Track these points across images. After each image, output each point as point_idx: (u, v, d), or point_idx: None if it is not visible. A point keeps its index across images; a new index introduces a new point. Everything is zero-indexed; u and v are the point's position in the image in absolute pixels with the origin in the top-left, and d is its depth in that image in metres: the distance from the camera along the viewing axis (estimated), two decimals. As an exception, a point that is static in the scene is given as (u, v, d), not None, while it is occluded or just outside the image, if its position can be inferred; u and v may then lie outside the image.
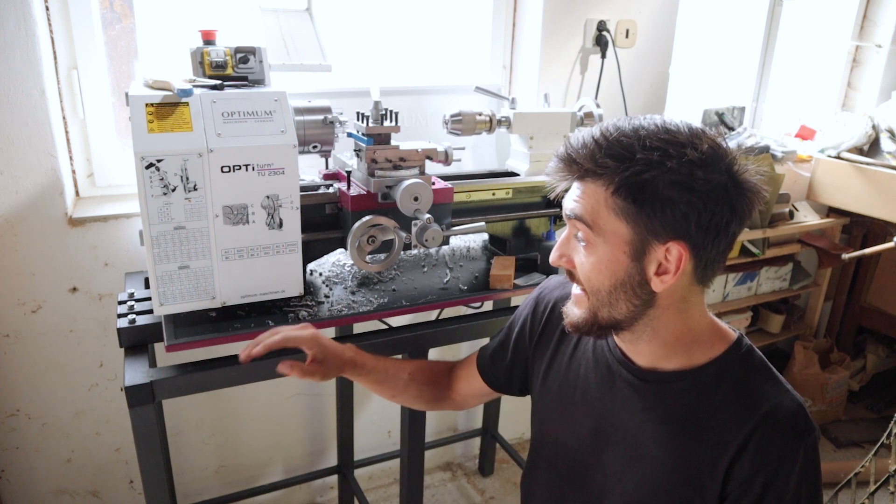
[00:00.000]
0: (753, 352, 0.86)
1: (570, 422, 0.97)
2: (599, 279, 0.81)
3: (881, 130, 2.52)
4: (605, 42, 1.95)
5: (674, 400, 0.85)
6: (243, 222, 1.12)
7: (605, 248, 0.79)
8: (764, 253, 2.47)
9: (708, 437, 0.81)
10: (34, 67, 1.39)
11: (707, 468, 0.81)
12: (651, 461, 0.86)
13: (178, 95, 1.06)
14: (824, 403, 2.67)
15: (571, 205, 0.82)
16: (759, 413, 0.79)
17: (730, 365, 0.84)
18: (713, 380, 0.83)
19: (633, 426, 0.88)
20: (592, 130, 0.80)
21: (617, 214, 0.77)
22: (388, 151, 1.27)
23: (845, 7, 2.80)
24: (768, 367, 0.84)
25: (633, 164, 0.75)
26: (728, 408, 0.81)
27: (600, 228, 0.79)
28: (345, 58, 1.80)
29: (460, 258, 1.55)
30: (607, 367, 0.93)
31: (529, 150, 1.53)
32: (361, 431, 2.10)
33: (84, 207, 1.56)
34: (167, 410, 1.69)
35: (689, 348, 0.85)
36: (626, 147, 0.76)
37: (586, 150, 0.78)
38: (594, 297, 0.83)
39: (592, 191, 0.79)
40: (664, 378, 0.86)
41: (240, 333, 1.16)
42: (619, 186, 0.76)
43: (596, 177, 0.78)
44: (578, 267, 0.83)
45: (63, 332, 1.60)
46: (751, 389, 0.82)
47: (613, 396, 0.91)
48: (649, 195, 0.75)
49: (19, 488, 1.70)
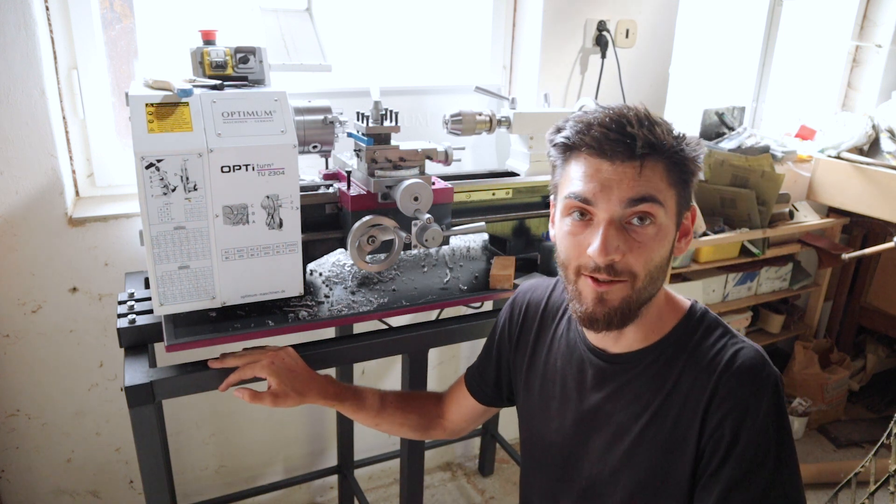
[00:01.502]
0: (707, 314, 0.90)
1: (554, 417, 0.98)
2: (660, 254, 0.83)
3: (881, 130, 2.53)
4: (605, 42, 1.95)
5: (643, 376, 0.88)
6: (243, 222, 1.12)
7: (665, 220, 0.82)
8: (764, 253, 2.47)
9: (678, 403, 0.85)
10: (34, 67, 1.39)
11: (681, 432, 0.84)
12: (632, 436, 0.88)
13: (178, 95, 1.06)
14: (824, 403, 2.67)
15: (637, 188, 0.79)
16: (720, 366, 0.83)
17: (687, 332, 0.88)
18: (674, 348, 0.87)
19: (610, 408, 0.91)
20: (622, 113, 0.81)
21: (670, 186, 0.82)
22: (388, 151, 1.27)
23: (845, 7, 2.80)
24: (723, 325, 0.89)
25: (681, 139, 0.83)
26: (691, 371, 0.85)
27: (663, 202, 0.81)
28: (345, 58, 1.80)
29: (460, 258, 1.55)
30: (580, 358, 0.95)
31: (529, 150, 1.53)
32: (361, 431, 2.10)
33: (84, 207, 1.56)
34: (167, 410, 1.69)
35: (656, 323, 0.89)
36: (668, 125, 0.83)
37: (648, 130, 0.80)
38: (649, 277, 0.83)
39: (652, 167, 0.80)
40: (630, 358, 0.90)
41: (240, 333, 1.16)
42: (679, 159, 0.82)
43: (657, 153, 0.80)
44: (636, 252, 0.81)
45: (63, 332, 1.60)
46: (709, 349, 0.86)
47: (587, 385, 0.94)
48: (689, 166, 0.83)
49: (19, 488, 1.70)
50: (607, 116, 0.81)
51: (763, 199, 2.34)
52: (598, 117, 0.81)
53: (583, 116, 0.83)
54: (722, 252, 2.41)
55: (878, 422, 2.71)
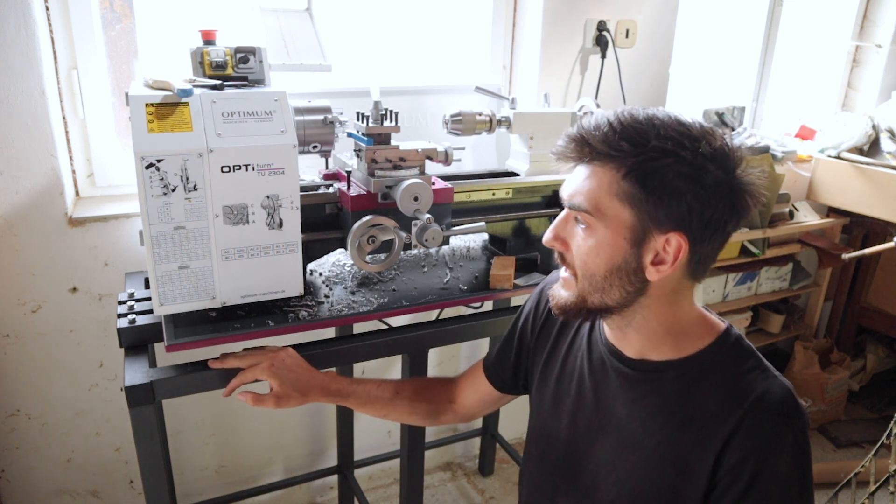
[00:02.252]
0: (742, 341, 0.87)
1: (566, 413, 0.98)
2: (596, 263, 0.82)
3: (881, 130, 2.52)
4: (605, 42, 1.95)
5: (664, 389, 0.86)
6: (243, 222, 1.12)
7: (605, 233, 0.80)
8: (764, 253, 2.47)
9: (698, 426, 0.82)
10: (34, 67, 1.39)
11: (696, 456, 0.82)
12: (642, 450, 0.86)
13: (178, 95, 1.06)
14: (824, 403, 2.67)
15: (574, 187, 0.82)
16: (749, 400, 0.80)
17: (719, 355, 0.85)
18: (702, 369, 0.85)
19: (625, 416, 0.89)
20: (607, 114, 0.80)
21: (622, 199, 0.78)
22: (388, 151, 1.27)
23: (845, 7, 2.80)
24: (756, 356, 0.85)
25: (648, 150, 0.76)
26: (717, 396, 0.82)
27: (602, 213, 0.79)
28: (345, 58, 1.80)
29: (460, 258, 1.55)
30: (600, 358, 0.94)
31: (529, 150, 1.53)
32: (361, 431, 2.10)
33: (84, 207, 1.56)
34: (167, 410, 1.69)
35: (677, 339, 0.86)
36: (641, 133, 0.77)
37: (600, 133, 0.78)
38: (586, 281, 0.83)
39: (600, 174, 0.79)
40: (653, 368, 0.87)
41: (240, 333, 1.16)
42: (631, 171, 0.77)
43: (607, 160, 0.78)
44: (574, 250, 0.84)
45: (63, 332, 1.60)
46: (740, 378, 0.83)
47: (606, 387, 0.92)
48: (658, 183, 0.76)
49: (19, 488, 1.70)
50: (587, 120, 0.82)
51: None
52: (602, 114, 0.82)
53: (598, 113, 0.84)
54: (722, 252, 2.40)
55: (878, 422, 2.71)
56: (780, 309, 2.76)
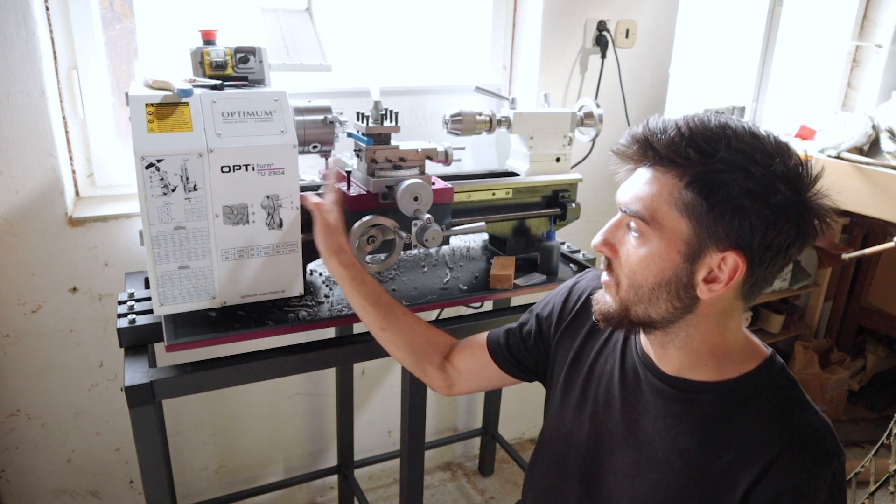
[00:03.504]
0: (785, 370, 0.84)
1: (589, 419, 0.95)
2: (644, 274, 0.78)
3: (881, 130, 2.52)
4: (605, 42, 1.95)
5: (701, 410, 0.82)
6: (243, 222, 1.12)
7: (658, 244, 0.76)
8: (764, 253, 2.47)
9: (732, 452, 0.79)
10: (34, 67, 1.39)
11: (727, 483, 0.78)
12: (667, 469, 0.83)
13: (178, 95, 1.06)
14: (824, 403, 2.67)
15: (632, 192, 0.78)
16: (790, 433, 0.77)
17: (762, 382, 0.82)
18: (743, 395, 0.81)
19: (653, 432, 0.86)
20: (676, 118, 0.76)
21: (680, 210, 0.74)
22: (388, 151, 1.27)
23: (845, 7, 2.80)
24: (798, 388, 0.82)
25: (715, 161, 0.71)
26: (757, 424, 0.79)
27: (658, 222, 0.75)
28: (345, 58, 1.80)
29: (460, 258, 1.55)
30: (634, 369, 0.91)
31: (529, 150, 1.53)
32: (361, 431, 2.10)
33: (84, 207, 1.56)
34: (167, 410, 1.69)
35: (720, 361, 0.83)
36: (711, 142, 0.72)
37: (666, 137, 0.74)
38: (631, 291, 0.80)
39: (661, 180, 0.75)
40: (692, 388, 0.83)
41: (240, 333, 1.16)
42: (694, 180, 0.72)
43: (670, 166, 0.74)
44: (623, 258, 0.80)
45: (63, 332, 1.60)
46: (782, 408, 0.79)
47: (637, 399, 0.89)
48: (722, 197, 0.71)
49: (19, 488, 1.70)
50: (650, 122, 0.78)
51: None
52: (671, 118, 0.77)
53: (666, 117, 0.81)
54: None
55: (878, 422, 2.71)
56: (780, 309, 2.76)
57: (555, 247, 1.46)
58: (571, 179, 1.54)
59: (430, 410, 2.14)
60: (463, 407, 2.33)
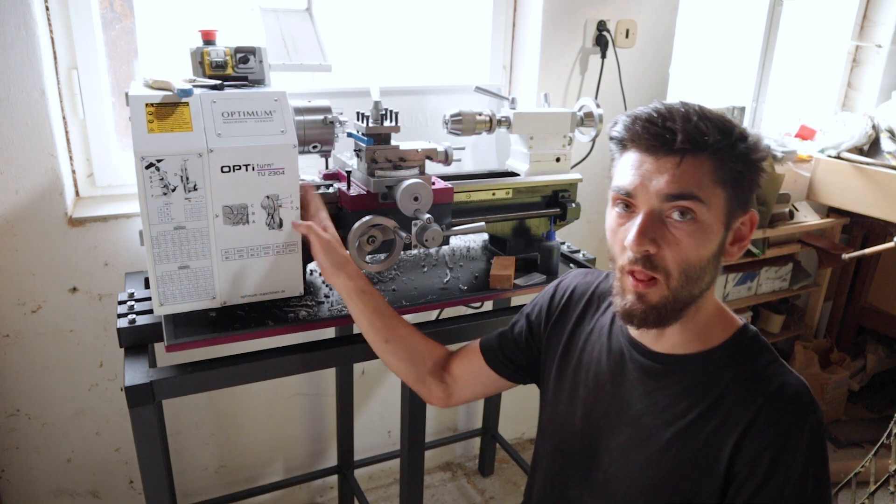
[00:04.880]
0: (759, 337, 0.88)
1: (582, 405, 0.97)
2: (700, 252, 0.81)
3: (881, 130, 2.52)
4: (605, 42, 1.95)
5: (683, 382, 0.86)
6: (243, 222, 1.12)
7: (709, 219, 0.80)
8: (764, 253, 2.47)
9: (716, 418, 0.82)
10: (34, 67, 1.39)
11: (714, 450, 0.82)
12: (658, 443, 0.86)
13: (178, 95, 1.06)
14: (824, 403, 2.67)
15: (670, 180, 0.79)
16: (767, 392, 0.81)
17: (738, 349, 0.86)
18: (722, 362, 0.85)
19: (642, 408, 0.89)
20: (670, 108, 0.81)
21: (716, 184, 0.80)
22: (388, 151, 1.27)
23: (845, 7, 2.80)
24: (773, 351, 0.86)
25: (733, 136, 0.80)
26: (736, 389, 0.83)
27: (707, 199, 0.79)
28: (345, 58, 1.80)
29: (460, 258, 1.55)
30: (619, 350, 0.94)
31: (529, 150, 1.53)
32: (361, 431, 2.10)
33: (84, 207, 1.56)
34: (167, 410, 1.69)
35: (703, 332, 0.87)
36: (721, 122, 0.80)
37: (691, 125, 0.79)
38: (684, 276, 0.81)
39: (696, 163, 0.79)
40: (674, 360, 0.88)
41: (240, 333, 1.16)
42: (727, 156, 0.79)
43: (700, 149, 0.79)
44: (671, 246, 0.80)
45: (63, 332, 1.60)
46: (758, 370, 0.84)
47: (624, 379, 0.92)
48: (744, 166, 0.80)
49: (19, 488, 1.70)
50: (655, 111, 0.81)
51: (763, 200, 2.34)
52: (646, 112, 0.81)
53: (635, 110, 0.83)
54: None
55: (878, 422, 2.71)
56: (780, 309, 2.76)
57: (555, 247, 1.47)
58: (571, 179, 1.54)
59: (430, 410, 2.14)
60: (463, 407, 2.33)
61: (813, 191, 2.64)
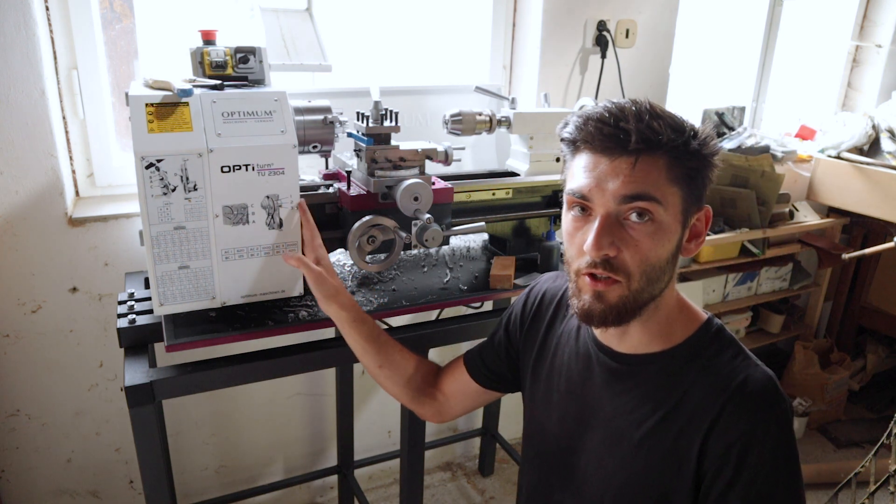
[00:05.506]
0: (724, 331, 0.88)
1: (556, 409, 0.98)
2: (659, 252, 0.80)
3: (881, 130, 2.52)
4: (605, 42, 1.95)
5: (648, 382, 0.86)
6: (243, 222, 1.12)
7: (667, 219, 0.80)
8: (764, 253, 2.47)
9: (683, 416, 0.82)
10: (34, 67, 1.39)
11: (682, 446, 0.82)
12: (630, 445, 0.86)
13: (178, 95, 1.06)
14: (824, 403, 2.67)
15: (625, 181, 0.78)
16: (731, 387, 0.80)
17: (702, 344, 0.86)
18: (686, 359, 0.85)
19: (612, 410, 0.89)
20: (622, 107, 0.80)
21: (672, 182, 0.79)
22: (388, 151, 1.27)
23: (845, 7, 2.80)
24: (738, 345, 0.86)
25: (685, 133, 0.79)
26: (701, 385, 0.83)
27: (664, 199, 0.79)
28: (345, 58, 1.80)
29: (460, 258, 1.55)
30: (587, 353, 0.94)
31: (529, 150, 1.53)
32: (361, 431, 2.10)
33: (84, 207, 1.56)
34: (167, 410, 1.69)
35: (665, 329, 0.87)
36: (672, 119, 0.80)
37: (643, 124, 0.77)
38: (645, 277, 0.80)
39: (650, 163, 0.78)
40: (640, 360, 0.88)
41: (240, 333, 1.16)
42: (681, 154, 0.79)
43: (655, 149, 0.78)
44: (630, 248, 0.80)
45: (63, 332, 1.60)
46: (722, 365, 0.83)
47: (593, 383, 0.93)
48: (697, 162, 0.80)
49: (19, 488, 1.70)
50: (606, 111, 0.80)
51: (763, 199, 2.34)
52: (598, 112, 0.80)
53: (585, 111, 0.82)
54: (722, 252, 2.41)
55: (878, 422, 2.71)
56: (780, 309, 2.76)
57: (555, 247, 1.47)
58: (571, 179, 1.54)
59: (430, 410, 2.14)
60: (463, 407, 2.33)
61: (813, 191, 2.64)
